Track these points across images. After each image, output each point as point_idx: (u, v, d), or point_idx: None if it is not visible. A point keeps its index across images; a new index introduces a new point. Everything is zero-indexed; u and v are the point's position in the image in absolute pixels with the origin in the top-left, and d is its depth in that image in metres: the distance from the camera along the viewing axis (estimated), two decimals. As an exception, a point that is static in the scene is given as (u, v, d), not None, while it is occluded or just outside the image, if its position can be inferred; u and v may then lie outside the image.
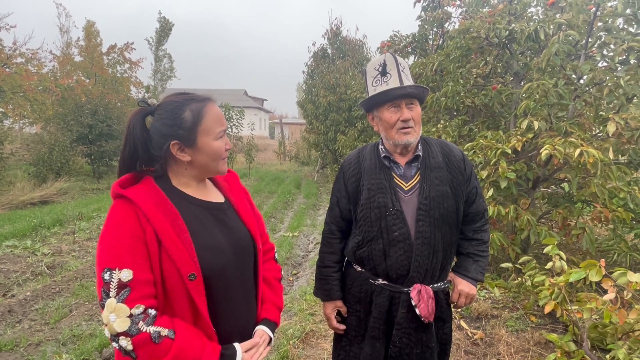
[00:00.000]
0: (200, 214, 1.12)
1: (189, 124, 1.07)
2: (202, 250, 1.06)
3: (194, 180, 1.16)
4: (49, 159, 9.93)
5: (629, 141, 3.06)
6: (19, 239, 5.22)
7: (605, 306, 2.29)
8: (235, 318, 1.17)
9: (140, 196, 1.03)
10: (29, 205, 8.06)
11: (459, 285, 1.57)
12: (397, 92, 1.41)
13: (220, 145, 1.13)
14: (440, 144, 1.56)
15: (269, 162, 19.09)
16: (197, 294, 1.03)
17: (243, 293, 1.20)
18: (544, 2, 4.30)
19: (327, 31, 12.18)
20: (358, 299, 1.56)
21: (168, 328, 0.99)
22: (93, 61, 14.91)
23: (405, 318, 1.44)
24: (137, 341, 0.95)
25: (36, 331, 3.09)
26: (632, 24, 3.34)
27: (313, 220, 7.30)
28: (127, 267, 0.97)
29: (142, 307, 0.97)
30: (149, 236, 1.00)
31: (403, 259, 1.43)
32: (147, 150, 1.10)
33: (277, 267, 1.42)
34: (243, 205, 1.27)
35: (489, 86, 4.43)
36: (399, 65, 1.45)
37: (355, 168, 1.56)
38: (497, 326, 3.01)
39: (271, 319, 1.28)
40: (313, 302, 3.56)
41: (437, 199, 1.44)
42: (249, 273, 1.23)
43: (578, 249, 4.26)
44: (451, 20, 5.71)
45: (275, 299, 1.33)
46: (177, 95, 1.12)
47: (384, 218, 1.44)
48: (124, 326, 0.94)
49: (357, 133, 10.03)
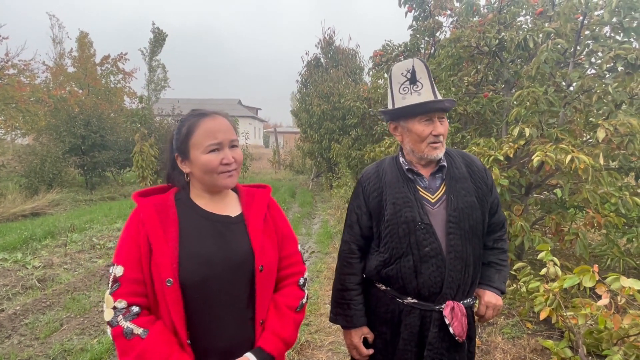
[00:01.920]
0: (200, 224, 1.15)
1: (183, 137, 1.15)
2: (185, 258, 1.08)
3: (205, 192, 1.20)
4: (41, 171, 9.85)
5: (619, 147, 3.09)
6: (9, 252, 5.13)
7: (600, 312, 2.30)
8: (218, 336, 1.12)
9: (145, 204, 1.13)
10: (20, 217, 7.96)
11: (484, 297, 1.48)
12: (434, 106, 1.34)
13: (210, 159, 1.11)
14: (461, 155, 1.52)
15: (263, 171, 19.08)
16: (173, 300, 1.06)
17: (231, 312, 1.14)
18: (532, 12, 4.38)
19: (320, 40, 12.29)
20: (384, 320, 1.45)
21: (143, 327, 1.05)
22: (86, 72, 14.92)
23: (437, 338, 1.36)
24: (114, 332, 1.05)
25: (26, 346, 3.02)
26: (618, 32, 3.40)
27: (308, 229, 7.28)
28: (121, 264, 1.08)
29: (125, 302, 1.05)
30: (142, 239, 1.08)
31: (436, 275, 1.35)
32: (173, 164, 1.22)
33: (297, 294, 1.27)
34: (256, 221, 1.21)
35: (480, 94, 4.48)
36: (430, 74, 1.38)
37: (376, 182, 1.47)
38: (493, 333, 3.00)
39: (266, 349, 1.15)
40: (308, 312, 3.52)
41: (466, 210, 1.38)
42: (241, 292, 1.15)
43: (572, 254, 4.28)
44: (442, 29, 5.79)
45: (280, 329, 1.18)
46: (191, 111, 1.21)
47: (413, 233, 1.35)
48: (108, 316, 1.06)
49: (351, 141, 10.06)
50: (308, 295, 1.42)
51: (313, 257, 5.39)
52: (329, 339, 3.06)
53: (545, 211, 4.06)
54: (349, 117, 10.40)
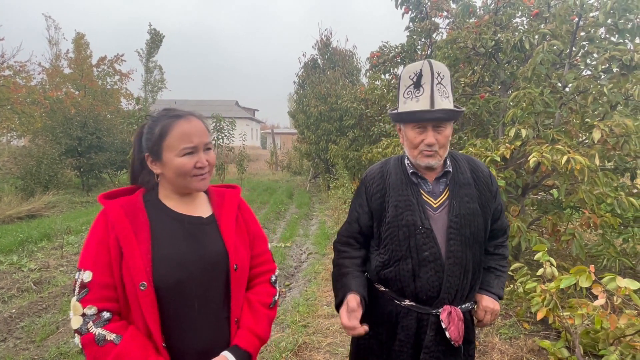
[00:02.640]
0: (172, 226, 1.13)
1: (155, 138, 1.12)
2: (159, 261, 1.07)
3: (175, 193, 1.18)
4: (37, 172, 9.78)
5: (614, 147, 3.11)
6: (5, 255, 5.10)
7: (596, 312, 2.31)
8: (194, 338, 1.12)
9: (113, 206, 1.09)
10: (15, 219, 7.90)
11: (483, 301, 1.48)
12: (423, 116, 1.31)
13: (184, 162, 1.10)
14: (467, 160, 1.50)
15: (261, 172, 19.06)
16: (147, 304, 1.04)
17: (207, 312, 1.14)
18: (528, 13, 4.40)
19: (317, 42, 12.30)
20: (381, 321, 1.44)
21: (116, 333, 1.02)
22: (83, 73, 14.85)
23: (433, 341, 1.36)
24: (84, 340, 1.00)
25: (21, 350, 3.00)
26: (613, 34, 3.43)
27: (306, 230, 7.27)
28: (88, 269, 1.04)
29: (95, 308, 1.02)
30: (112, 243, 1.05)
31: (434, 279, 1.35)
32: (142, 162, 1.17)
33: (269, 291, 1.30)
34: (228, 221, 1.22)
35: (477, 95, 4.50)
36: (434, 80, 1.32)
37: (380, 183, 1.47)
38: (490, 334, 3.01)
39: (242, 346, 1.16)
40: (306, 313, 3.52)
41: (468, 216, 1.37)
42: (216, 292, 1.16)
43: (568, 254, 4.30)
44: (439, 30, 5.81)
45: (255, 326, 1.20)
46: (163, 110, 1.17)
47: (412, 237, 1.35)
48: (76, 324, 1.01)
49: (349, 142, 10.08)
50: (280, 292, 1.43)
51: (310, 258, 5.39)
52: (327, 340, 3.05)
53: (542, 212, 4.08)
54: (346, 118, 10.41)
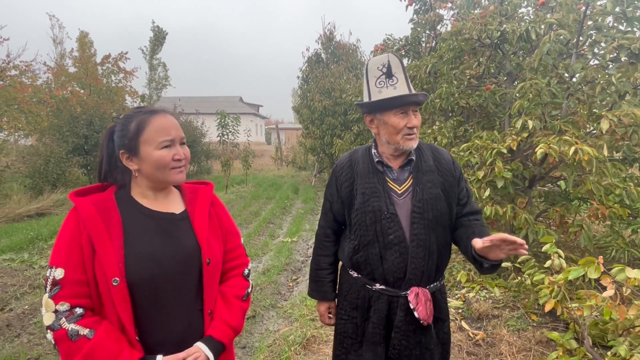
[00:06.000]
0: (145, 223, 1.16)
1: (131, 134, 1.14)
2: (132, 257, 1.09)
3: (150, 190, 1.21)
4: (45, 171, 9.88)
5: (623, 138, 3.08)
6: (16, 252, 5.18)
7: (605, 303, 2.30)
8: (168, 330, 1.15)
9: (84, 204, 1.10)
10: (25, 217, 8.01)
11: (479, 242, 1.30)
12: (409, 99, 1.42)
13: (163, 155, 1.14)
14: (431, 148, 1.58)
15: (266, 167, 19.09)
16: (120, 299, 1.06)
17: (180, 305, 1.17)
18: (534, 3, 4.35)
19: (321, 36, 12.24)
20: (355, 305, 1.55)
21: (89, 328, 1.03)
22: (87, 72, 14.89)
23: (403, 321, 1.45)
24: (57, 336, 1.02)
25: (35, 345, 3.06)
26: (621, 22, 3.38)
27: (312, 225, 7.29)
28: (61, 266, 1.05)
29: (67, 305, 1.03)
30: (84, 240, 1.06)
31: (399, 261, 1.44)
32: (112, 161, 1.19)
33: (242, 284, 1.34)
34: (201, 217, 1.25)
35: (482, 87, 4.46)
36: (404, 69, 1.45)
37: (348, 172, 1.56)
38: (498, 326, 3.01)
39: (216, 337, 1.20)
40: (313, 307, 3.55)
41: (430, 201, 1.45)
42: (190, 285, 1.19)
43: (576, 246, 4.27)
44: (443, 22, 5.75)
45: (228, 317, 1.24)
46: (134, 109, 1.20)
47: (379, 222, 1.44)
48: (49, 320, 1.03)
49: (353, 137, 10.06)
50: (252, 285, 1.45)
51: (317, 252, 5.41)
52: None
53: (549, 203, 4.06)
54: (351, 113, 10.38)
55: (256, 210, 8.45)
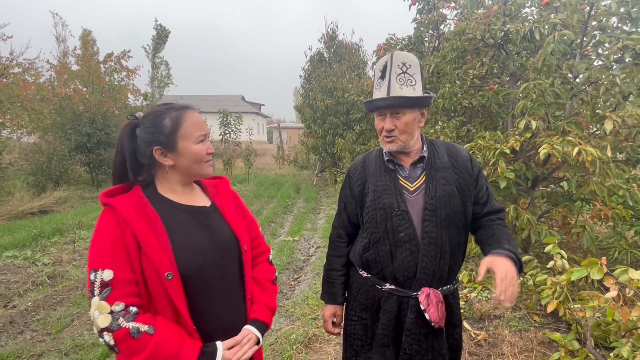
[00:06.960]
0: (182, 217, 1.19)
1: (168, 130, 1.16)
2: (180, 250, 1.12)
3: (179, 185, 1.23)
4: (48, 168, 9.91)
5: (627, 139, 3.07)
6: (19, 250, 5.20)
7: (608, 304, 2.30)
8: (219, 317, 1.20)
9: (121, 203, 1.11)
10: (28, 215, 8.04)
11: (499, 265, 1.25)
12: (378, 104, 1.42)
13: (201, 149, 1.19)
14: (447, 145, 1.55)
15: (267, 166, 19.09)
16: (175, 292, 1.09)
17: (226, 292, 1.23)
18: (538, 3, 4.33)
19: (324, 35, 12.22)
20: (365, 306, 1.52)
21: (148, 324, 1.05)
22: (90, 70, 14.92)
23: (414, 324, 1.39)
24: (118, 336, 1.02)
25: (38, 342, 3.07)
26: (626, 23, 3.36)
27: (313, 224, 7.30)
28: (108, 267, 1.05)
29: (122, 304, 1.04)
30: (129, 239, 1.07)
31: (409, 260, 1.39)
32: (136, 159, 1.19)
33: (270, 269, 1.42)
34: (229, 209, 1.32)
35: (485, 87, 4.45)
36: (392, 70, 1.40)
37: (361, 172, 1.57)
38: (500, 326, 3.01)
39: (260, 319, 1.29)
40: (315, 306, 3.55)
41: (444, 198, 1.41)
42: (232, 273, 1.26)
43: (579, 247, 4.27)
44: (446, 22, 5.74)
45: (266, 300, 1.33)
46: (159, 105, 1.21)
47: (389, 219, 1.41)
48: (105, 322, 1.02)
49: (355, 136, 10.05)
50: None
51: (319, 252, 5.41)
52: (336, 332, 3.08)
53: (552, 204, 4.05)
54: (353, 112, 10.37)
55: (258, 209, 8.46)
